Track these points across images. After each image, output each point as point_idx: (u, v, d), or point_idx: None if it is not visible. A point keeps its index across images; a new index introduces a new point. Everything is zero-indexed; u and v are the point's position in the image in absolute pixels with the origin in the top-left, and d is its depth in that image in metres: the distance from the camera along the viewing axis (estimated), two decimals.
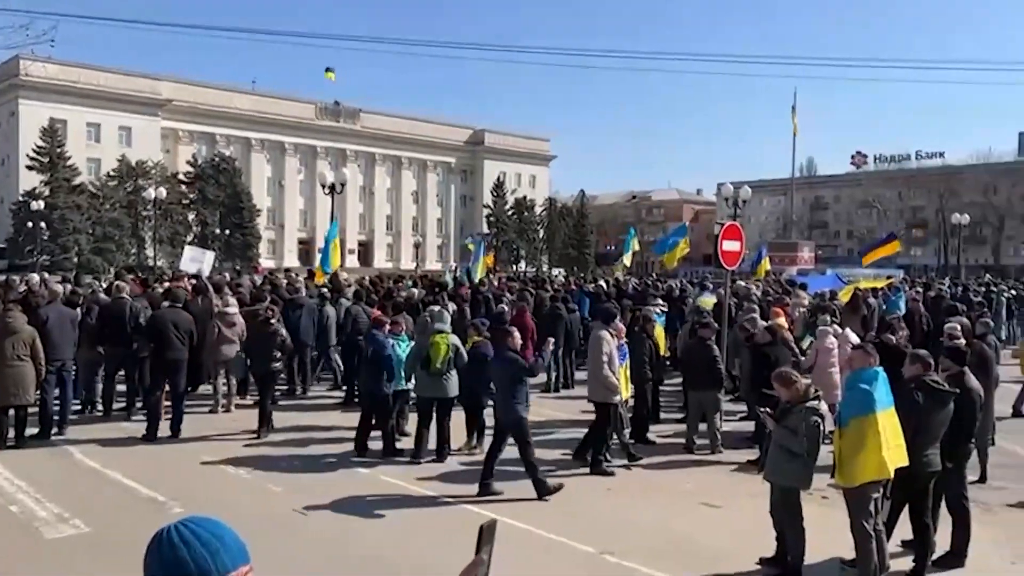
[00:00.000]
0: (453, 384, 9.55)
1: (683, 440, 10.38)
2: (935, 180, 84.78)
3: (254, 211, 67.53)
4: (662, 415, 11.76)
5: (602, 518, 7.61)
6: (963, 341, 9.37)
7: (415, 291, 16.64)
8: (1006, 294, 23.51)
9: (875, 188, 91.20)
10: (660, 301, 16.68)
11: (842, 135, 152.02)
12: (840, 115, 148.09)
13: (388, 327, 10.15)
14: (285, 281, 18.61)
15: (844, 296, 17.45)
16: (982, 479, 8.98)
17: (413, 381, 9.85)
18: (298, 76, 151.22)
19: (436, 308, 10.73)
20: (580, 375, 14.89)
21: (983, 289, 24.25)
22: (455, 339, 9.74)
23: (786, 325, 12.36)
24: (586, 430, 9.61)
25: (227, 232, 63.53)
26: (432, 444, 9.64)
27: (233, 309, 12.33)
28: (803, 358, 10.39)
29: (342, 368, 13.91)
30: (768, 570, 6.26)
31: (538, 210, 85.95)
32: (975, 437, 6.97)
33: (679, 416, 11.73)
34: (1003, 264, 78.72)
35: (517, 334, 8.65)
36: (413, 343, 10.24)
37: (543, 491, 7.98)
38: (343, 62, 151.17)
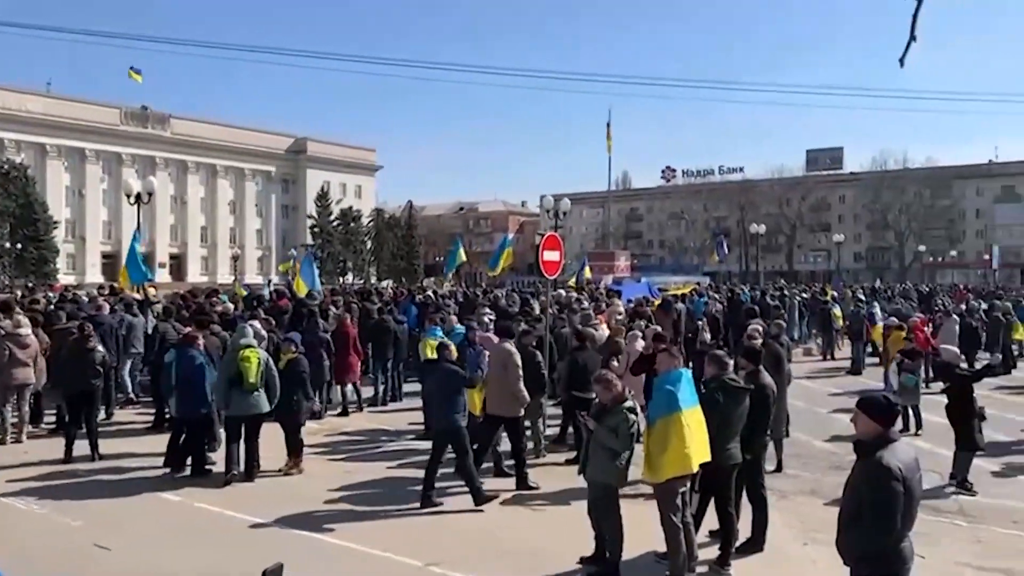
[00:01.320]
0: (263, 401, 9.16)
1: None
2: (736, 193, 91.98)
3: (50, 223, 61.83)
4: None
5: (426, 529, 7.57)
6: (759, 341, 10.17)
7: (230, 306, 15.89)
8: (798, 298, 25.81)
9: (684, 200, 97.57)
10: (488, 310, 16.95)
11: (654, 151, 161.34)
12: (652, 132, 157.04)
13: (201, 344, 9.65)
14: (87, 297, 17.23)
15: (666, 296, 18.49)
16: (778, 468, 9.77)
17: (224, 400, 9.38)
18: (101, 78, 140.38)
19: (242, 324, 10.29)
20: (408, 387, 14.80)
21: (778, 293, 26.52)
22: (264, 354, 9.40)
23: (608, 332, 12.95)
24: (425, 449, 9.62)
25: (19, 246, 57.78)
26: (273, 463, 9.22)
27: (26, 330, 11.24)
28: (615, 363, 10.85)
29: (130, 387, 13.47)
30: (588, 568, 6.48)
31: (365, 221, 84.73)
32: (770, 429, 7.58)
33: None
34: (796, 270, 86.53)
35: (453, 346, 8.76)
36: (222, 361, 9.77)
37: (480, 500, 8.07)
38: (152, 64, 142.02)
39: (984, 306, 23.65)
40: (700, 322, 17.87)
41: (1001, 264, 73.73)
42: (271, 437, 9.62)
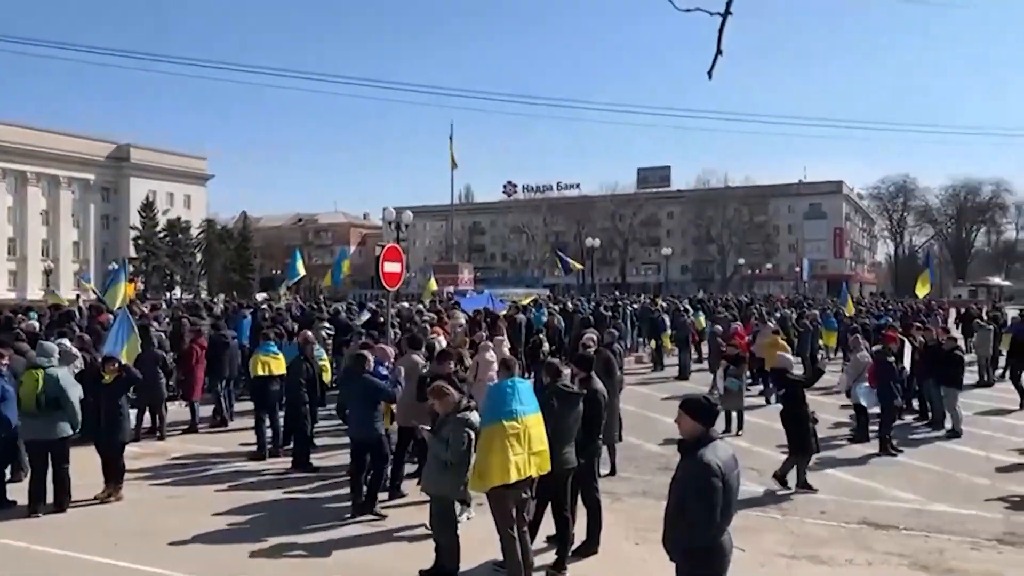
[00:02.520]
0: (56, 424, 8.37)
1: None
2: (573, 208, 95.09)
3: None
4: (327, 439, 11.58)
5: (253, 556, 7.22)
6: (593, 349, 10.50)
7: (35, 323, 14.61)
8: (630, 308, 26.94)
9: (525, 215, 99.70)
10: (327, 324, 16.52)
11: (496, 165, 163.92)
12: (495, 147, 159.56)
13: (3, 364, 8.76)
14: None
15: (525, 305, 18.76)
16: (612, 472, 10.11)
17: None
18: None
19: (43, 342, 9.43)
20: (240, 406, 14.14)
21: (612, 304, 27.59)
22: (59, 372, 8.59)
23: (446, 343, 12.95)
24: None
25: None
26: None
27: None
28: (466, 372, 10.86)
29: None
30: None
31: (195, 232, 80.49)
32: (603, 434, 7.81)
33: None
34: (629, 282, 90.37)
35: (371, 357, 8.72)
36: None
37: (370, 509, 8.18)
38: None
39: (795, 314, 25.61)
40: (540, 332, 18.30)
41: (810, 276, 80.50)
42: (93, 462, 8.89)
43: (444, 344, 13.08)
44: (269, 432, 11.19)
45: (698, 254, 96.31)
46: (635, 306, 28.59)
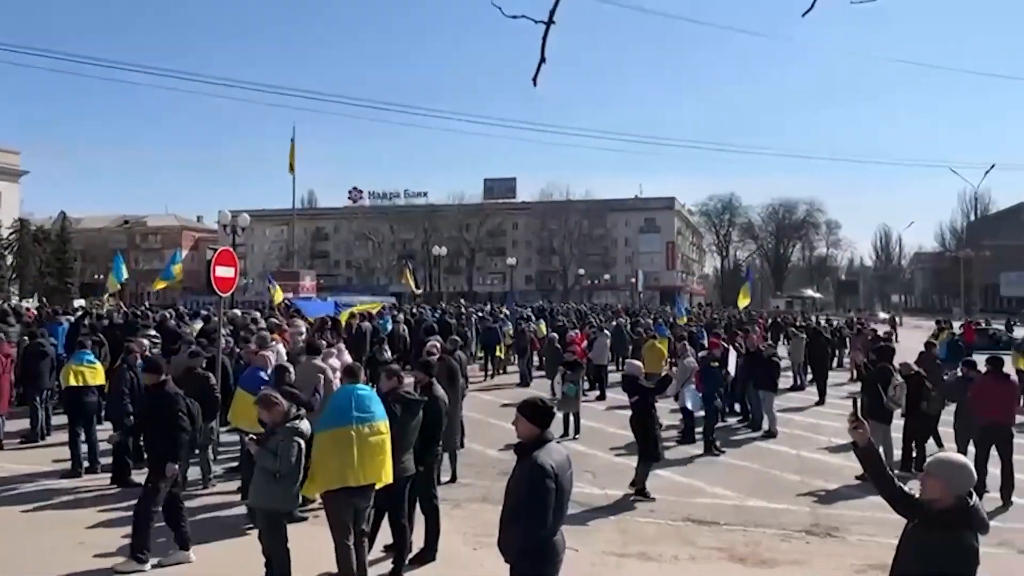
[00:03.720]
0: None
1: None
2: (420, 216, 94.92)
3: None
4: None
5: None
6: (436, 356, 10.50)
7: None
8: (475, 316, 27.18)
9: (371, 222, 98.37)
10: (153, 332, 15.54)
11: (341, 171, 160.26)
12: (340, 151, 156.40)
13: None
14: None
15: (343, 317, 18.45)
16: (453, 479, 10.14)
17: None
18: None
19: None
20: (57, 419, 13.04)
21: (457, 312, 27.75)
22: None
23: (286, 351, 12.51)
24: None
25: None
26: None
27: None
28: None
29: None
30: None
31: (5, 233, 73.57)
32: (443, 441, 7.82)
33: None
34: (475, 291, 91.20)
35: (292, 369, 8.61)
36: None
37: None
38: None
39: (629, 323, 26.75)
40: (384, 340, 18.11)
41: (645, 287, 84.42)
42: None
43: (284, 352, 12.69)
44: (85, 447, 10.40)
45: (542, 264, 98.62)
46: (479, 315, 28.90)
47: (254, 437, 6.24)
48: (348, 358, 11.24)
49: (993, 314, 60.91)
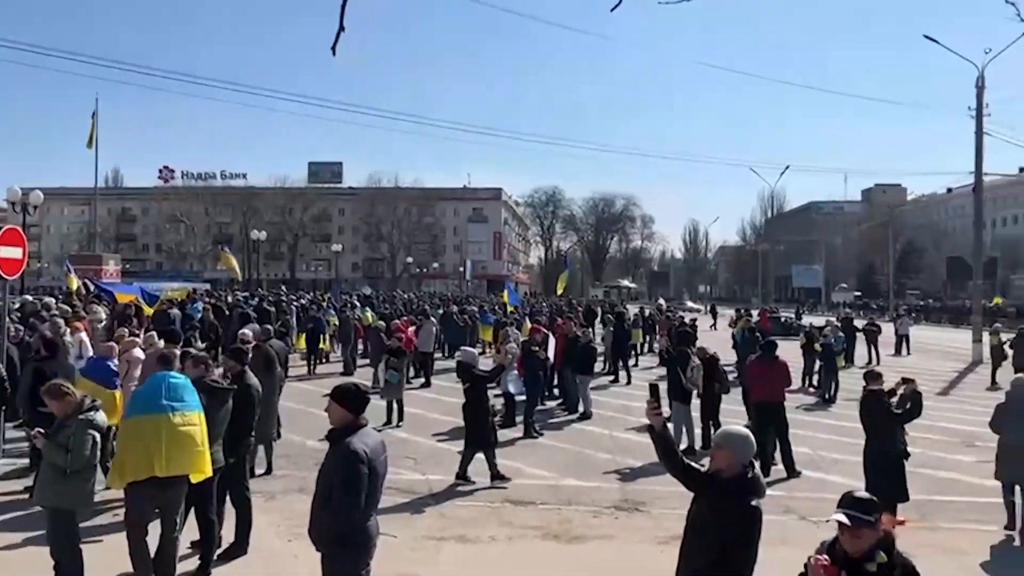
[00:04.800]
0: None
1: None
2: (239, 199, 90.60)
3: None
4: None
5: None
6: (251, 344, 10.11)
7: None
8: (295, 303, 26.39)
9: (184, 203, 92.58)
10: None
11: (151, 148, 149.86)
12: (150, 126, 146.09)
13: None
14: None
15: (148, 310, 17.40)
16: (268, 470, 9.81)
17: None
18: None
19: None
20: None
21: (275, 300, 26.84)
22: None
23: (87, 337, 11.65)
24: None
25: None
26: None
27: None
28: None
29: None
30: None
31: None
32: (257, 431, 7.54)
33: None
34: (298, 278, 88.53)
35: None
36: None
37: None
38: None
39: (457, 310, 26.98)
40: (198, 328, 17.18)
41: (473, 275, 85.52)
42: None
43: (88, 341, 11.80)
44: None
45: (369, 252, 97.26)
46: (301, 302, 28.09)
47: (41, 431, 5.70)
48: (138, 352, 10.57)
49: (786, 303, 66.87)
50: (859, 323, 27.40)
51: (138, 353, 10.06)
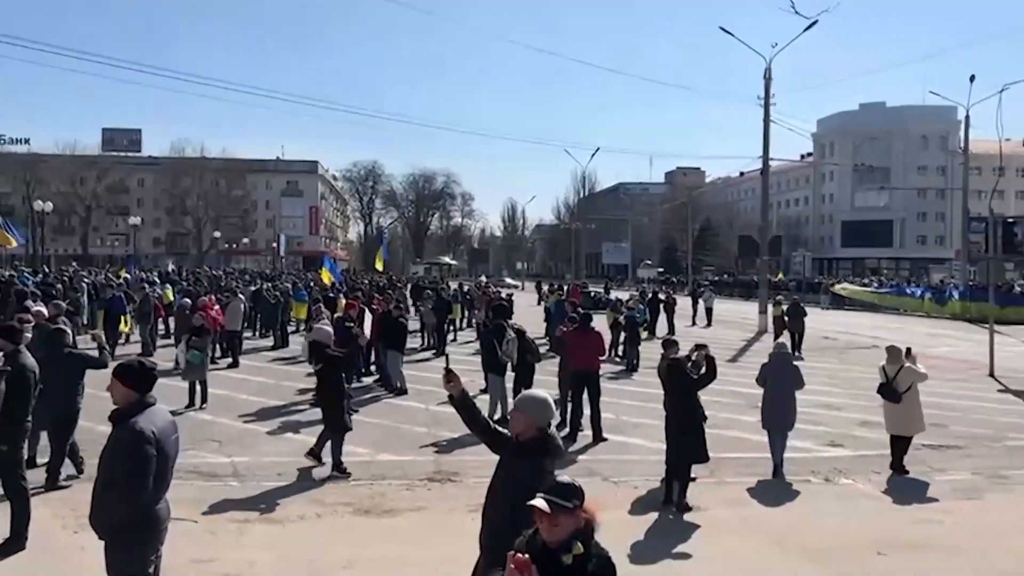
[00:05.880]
0: None
1: None
2: (20, 166, 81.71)
3: None
4: None
5: None
6: (32, 323, 9.22)
7: None
8: (86, 281, 24.31)
9: None
10: None
11: None
12: None
13: None
14: None
15: None
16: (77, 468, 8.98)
17: None
18: None
19: None
20: None
21: (66, 276, 24.65)
22: None
23: None
24: None
25: None
26: None
27: None
28: None
29: None
30: None
31: None
32: (37, 417, 6.87)
33: None
34: (91, 253, 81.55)
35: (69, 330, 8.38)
36: None
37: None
38: None
39: (268, 286, 25.96)
40: None
41: (288, 252, 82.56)
42: None
43: None
44: None
45: (172, 226, 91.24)
46: (94, 279, 25.94)
47: None
48: None
49: (597, 279, 70.01)
50: (661, 297, 29.15)
51: None
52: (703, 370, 8.82)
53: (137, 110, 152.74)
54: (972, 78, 38.24)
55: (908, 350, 10.03)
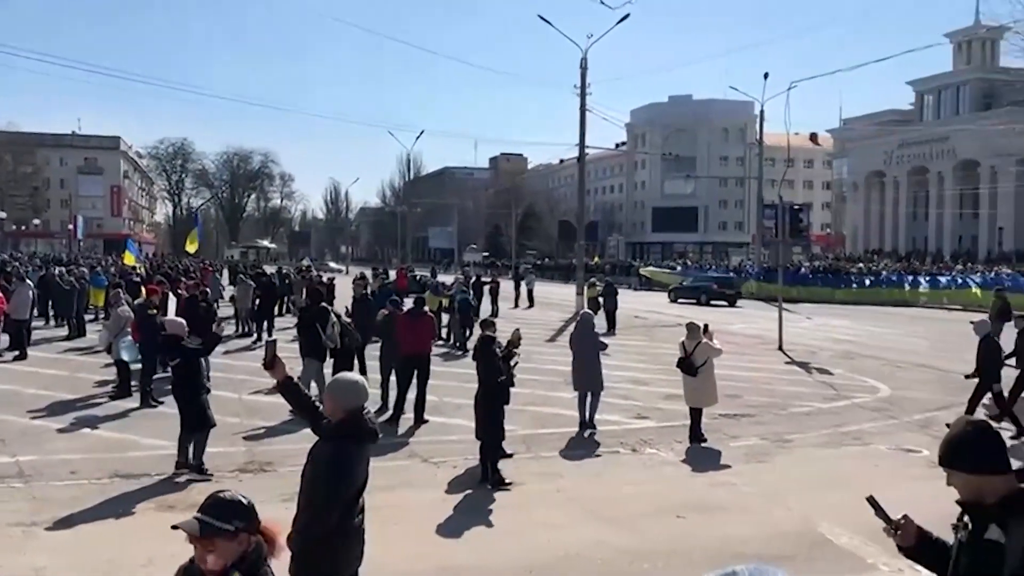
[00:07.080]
0: None
1: None
2: None
3: None
4: None
5: None
6: None
7: None
8: None
9: None
10: None
11: None
12: None
13: None
14: None
15: None
16: None
17: None
18: None
19: None
20: None
21: None
22: None
23: None
24: None
25: None
26: None
27: None
28: None
29: None
30: None
31: None
32: None
33: None
34: None
35: None
36: None
37: None
38: None
39: (62, 272, 23.85)
40: None
41: (86, 234, 76.18)
42: None
43: None
44: None
45: None
46: None
47: None
48: None
49: (423, 263, 69.97)
50: (485, 280, 29.59)
51: None
52: (516, 349, 9.09)
53: None
54: (766, 75, 41.65)
55: (706, 327, 10.77)
